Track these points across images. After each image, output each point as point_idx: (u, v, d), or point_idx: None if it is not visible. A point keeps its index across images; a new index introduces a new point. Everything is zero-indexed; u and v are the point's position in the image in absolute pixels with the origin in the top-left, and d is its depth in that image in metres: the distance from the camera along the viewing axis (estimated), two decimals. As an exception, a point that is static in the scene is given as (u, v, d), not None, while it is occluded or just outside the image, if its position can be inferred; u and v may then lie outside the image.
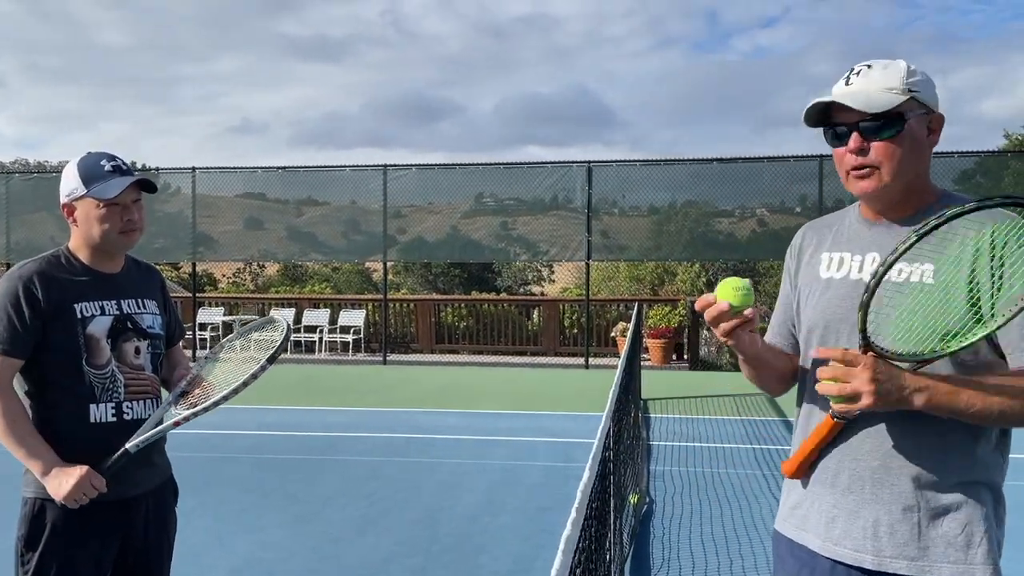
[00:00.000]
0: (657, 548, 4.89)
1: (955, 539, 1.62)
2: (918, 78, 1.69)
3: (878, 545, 1.67)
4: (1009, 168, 14.12)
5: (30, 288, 2.32)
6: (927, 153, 1.72)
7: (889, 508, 1.67)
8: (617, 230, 15.36)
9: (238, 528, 5.29)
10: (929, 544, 1.64)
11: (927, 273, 1.63)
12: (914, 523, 1.65)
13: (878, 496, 1.68)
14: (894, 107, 1.65)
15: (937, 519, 1.64)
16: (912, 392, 1.57)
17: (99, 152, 2.44)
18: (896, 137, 1.66)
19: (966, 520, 1.63)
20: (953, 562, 1.63)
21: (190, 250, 15.47)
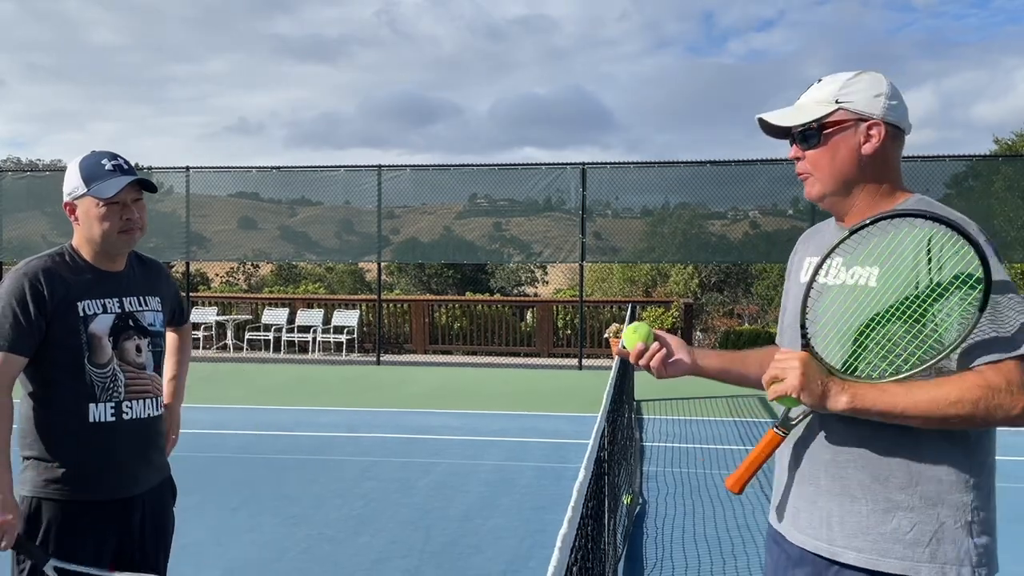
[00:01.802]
0: (651, 548, 4.91)
1: (903, 536, 1.65)
2: (855, 88, 1.75)
3: (831, 535, 1.73)
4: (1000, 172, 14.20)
5: (36, 286, 2.32)
6: (868, 161, 1.75)
7: (840, 500, 1.72)
8: (610, 232, 15.39)
9: (232, 528, 5.29)
10: (877, 538, 1.67)
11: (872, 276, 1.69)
12: (863, 516, 1.69)
13: (831, 488, 1.73)
14: (813, 119, 1.75)
15: (887, 514, 1.67)
16: (836, 392, 1.64)
17: (101, 151, 2.45)
18: (818, 147, 1.76)
19: (917, 519, 1.65)
20: (899, 558, 1.66)
21: (183, 250, 15.43)
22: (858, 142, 1.74)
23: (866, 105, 1.74)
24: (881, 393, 1.62)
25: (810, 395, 1.64)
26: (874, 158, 1.75)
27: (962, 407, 1.57)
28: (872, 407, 1.62)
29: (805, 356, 1.66)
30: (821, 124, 1.75)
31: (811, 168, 1.78)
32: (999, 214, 13.65)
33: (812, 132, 1.76)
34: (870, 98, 1.74)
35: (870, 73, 1.78)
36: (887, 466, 1.68)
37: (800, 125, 1.77)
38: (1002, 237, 13.57)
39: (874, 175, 1.76)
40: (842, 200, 1.79)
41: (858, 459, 1.70)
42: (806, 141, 1.77)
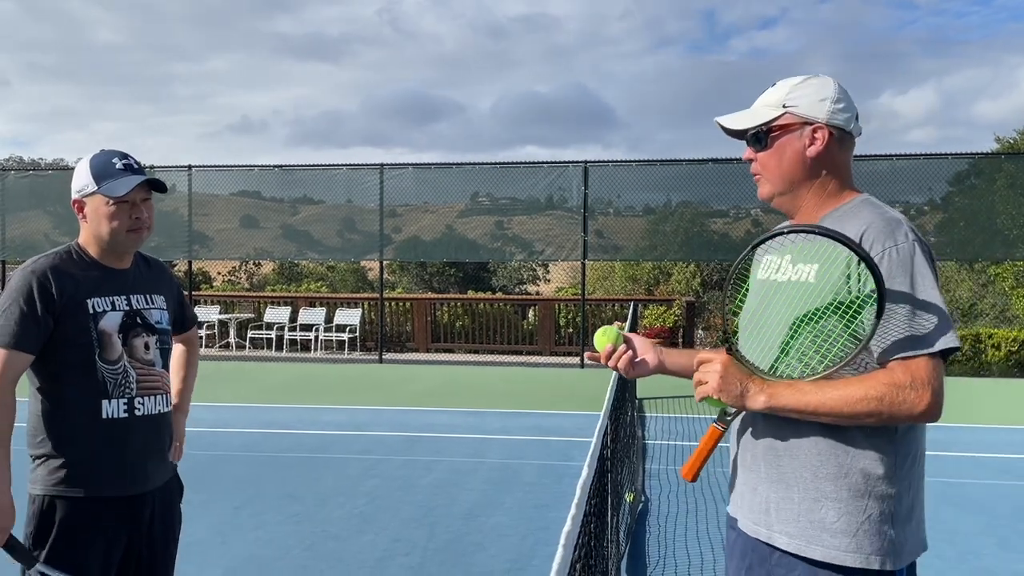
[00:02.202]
0: (653, 546, 4.92)
1: (831, 525, 1.73)
2: (801, 92, 1.83)
3: (768, 520, 1.82)
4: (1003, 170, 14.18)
5: (44, 283, 2.33)
6: (813, 163, 1.83)
7: (776, 487, 1.81)
8: (612, 230, 15.39)
9: (236, 526, 5.30)
10: (807, 525, 1.76)
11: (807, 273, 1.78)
12: (795, 503, 1.78)
13: (769, 476, 1.83)
14: (761, 123, 1.84)
15: (817, 503, 1.75)
16: (754, 392, 1.73)
17: (111, 150, 2.46)
18: (765, 149, 1.86)
19: (845, 510, 1.73)
20: (825, 546, 1.74)
21: (185, 248, 15.46)
22: (803, 145, 1.83)
23: (811, 109, 1.82)
24: (796, 392, 1.70)
25: (728, 396, 1.74)
26: (819, 160, 1.83)
27: (867, 404, 1.64)
28: (787, 405, 1.70)
29: (726, 360, 1.76)
30: (769, 128, 1.84)
31: (761, 169, 1.88)
32: (1002, 212, 13.64)
33: (761, 135, 1.85)
34: (815, 102, 1.82)
35: (819, 78, 1.85)
36: (818, 457, 1.75)
37: (750, 128, 1.86)
38: (1004, 235, 13.56)
39: (820, 176, 1.84)
40: (790, 200, 1.88)
41: (793, 450, 1.78)
42: (757, 143, 1.87)
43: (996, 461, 7.43)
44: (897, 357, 1.67)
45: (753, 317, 1.86)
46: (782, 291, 1.81)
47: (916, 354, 1.66)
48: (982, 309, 21.40)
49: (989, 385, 12.45)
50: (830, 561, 1.72)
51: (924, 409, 1.65)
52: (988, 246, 13.82)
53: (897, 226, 1.73)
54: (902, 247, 1.70)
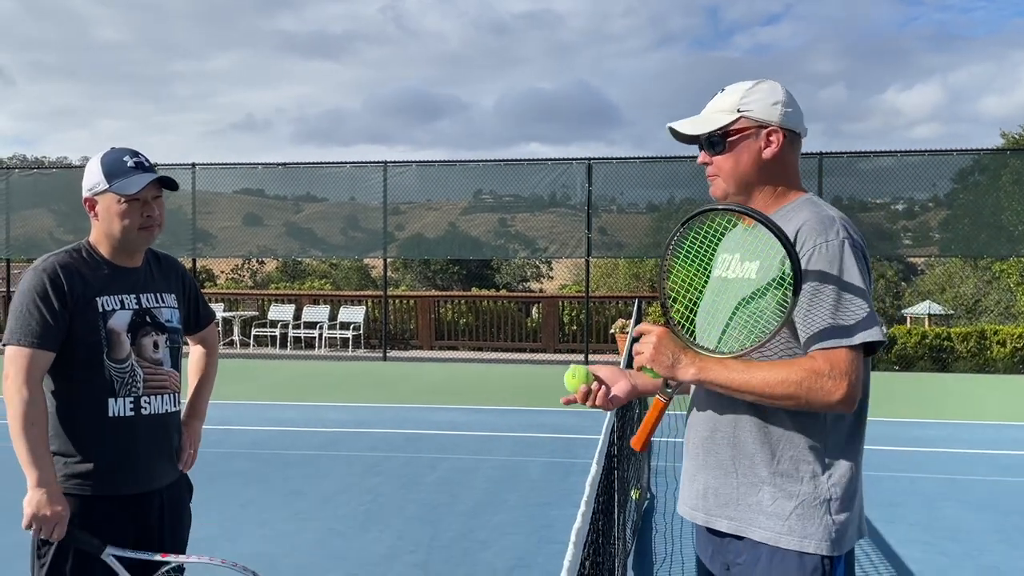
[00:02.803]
0: (660, 543, 4.92)
1: (767, 507, 1.81)
2: (753, 98, 1.89)
3: (707, 504, 1.91)
4: (1008, 166, 14.14)
5: (56, 281, 2.33)
6: (769, 164, 1.90)
7: (715, 473, 1.89)
8: (616, 227, 15.38)
9: (241, 523, 5.30)
10: (745, 508, 1.84)
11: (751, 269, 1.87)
12: (733, 487, 1.86)
13: (707, 463, 1.91)
14: (717, 127, 1.90)
15: (753, 487, 1.83)
16: (685, 365, 1.80)
17: (123, 148, 2.46)
18: (723, 152, 1.91)
19: (778, 494, 1.81)
20: (763, 528, 1.82)
21: (189, 246, 15.48)
22: (759, 147, 1.89)
23: (765, 113, 1.88)
24: (724, 368, 1.77)
25: (660, 366, 1.82)
26: (774, 162, 1.90)
27: (786, 387, 1.71)
28: (715, 380, 1.78)
29: (661, 331, 1.83)
30: (725, 132, 1.90)
31: (717, 170, 1.93)
32: (1007, 208, 13.60)
33: (717, 139, 1.91)
34: (768, 106, 1.88)
35: (767, 82, 1.92)
36: (753, 444, 1.83)
37: (706, 133, 1.91)
38: (1010, 231, 13.53)
39: (772, 178, 1.91)
40: (744, 200, 1.93)
41: (729, 437, 1.86)
42: (713, 147, 1.92)
43: (1001, 457, 7.42)
44: (819, 347, 1.73)
45: (706, 313, 1.94)
46: (730, 287, 1.90)
47: (837, 344, 1.72)
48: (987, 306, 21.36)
49: (994, 381, 12.43)
50: (767, 542, 1.81)
51: (839, 398, 1.70)
52: (993, 242, 13.79)
53: (830, 224, 1.80)
54: (832, 243, 1.77)
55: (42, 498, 2.24)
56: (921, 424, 8.97)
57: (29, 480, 2.26)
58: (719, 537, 1.91)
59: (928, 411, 9.92)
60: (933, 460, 7.15)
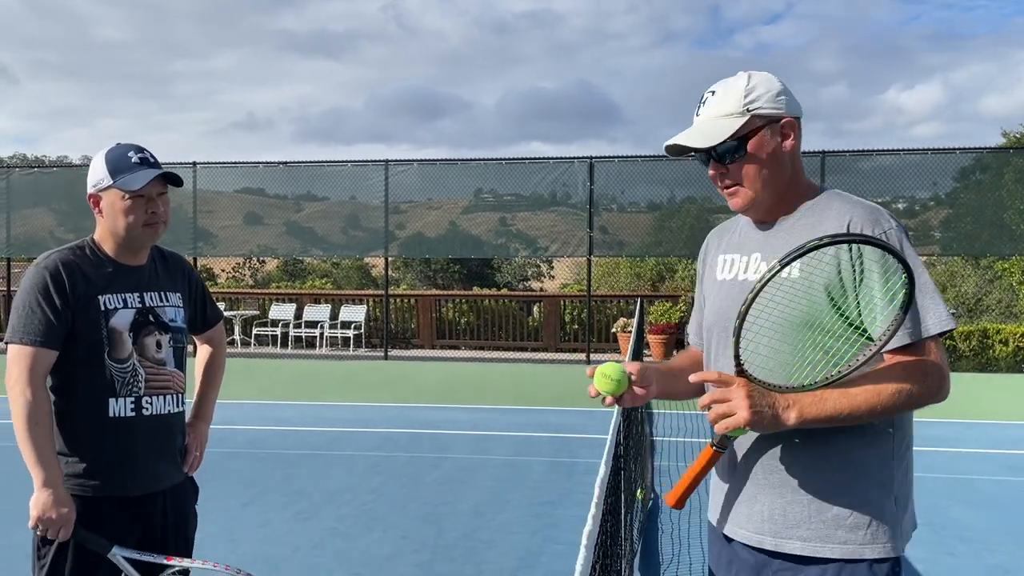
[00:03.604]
0: (667, 543, 4.89)
1: (844, 521, 1.72)
2: (758, 93, 1.77)
3: (774, 527, 1.77)
4: (1010, 164, 14.10)
5: (58, 278, 2.30)
6: (788, 158, 1.80)
7: (781, 492, 1.77)
8: (616, 226, 15.35)
9: (243, 523, 5.28)
10: (820, 525, 1.73)
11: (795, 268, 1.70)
12: (803, 505, 1.74)
13: (770, 482, 1.78)
14: (733, 133, 1.75)
15: (825, 503, 1.73)
16: (783, 410, 1.63)
17: (128, 144, 2.42)
18: (743, 158, 1.77)
19: (855, 503, 1.72)
20: (842, 542, 1.72)
21: (190, 245, 15.44)
22: (777, 143, 1.78)
23: (773, 106, 1.78)
24: (823, 403, 1.63)
25: (761, 425, 1.64)
26: (792, 154, 1.81)
27: (898, 398, 1.63)
28: (818, 416, 1.64)
29: (747, 387, 1.63)
30: (743, 136, 1.77)
31: (739, 178, 1.79)
32: (1009, 206, 13.58)
33: (734, 146, 1.77)
34: (774, 98, 1.78)
35: (758, 74, 1.81)
36: (821, 454, 1.73)
37: (721, 142, 1.77)
38: (1012, 230, 13.50)
39: (792, 170, 1.81)
40: (770, 202, 1.82)
41: (792, 451, 1.75)
42: (728, 156, 1.78)
43: (1004, 457, 7.40)
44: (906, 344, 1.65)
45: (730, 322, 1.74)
46: (763, 292, 1.66)
47: (925, 338, 1.65)
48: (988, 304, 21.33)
49: (996, 380, 12.40)
50: (848, 557, 1.71)
51: (946, 393, 1.65)
52: (995, 241, 13.76)
53: (879, 212, 1.73)
54: (891, 232, 1.69)
55: (48, 499, 2.22)
56: (924, 424, 8.91)
57: (35, 481, 2.24)
58: (768, 557, 1.78)
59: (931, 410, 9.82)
60: (937, 459, 7.12)
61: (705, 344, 1.99)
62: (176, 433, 2.51)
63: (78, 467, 2.33)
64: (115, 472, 2.35)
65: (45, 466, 2.23)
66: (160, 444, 2.44)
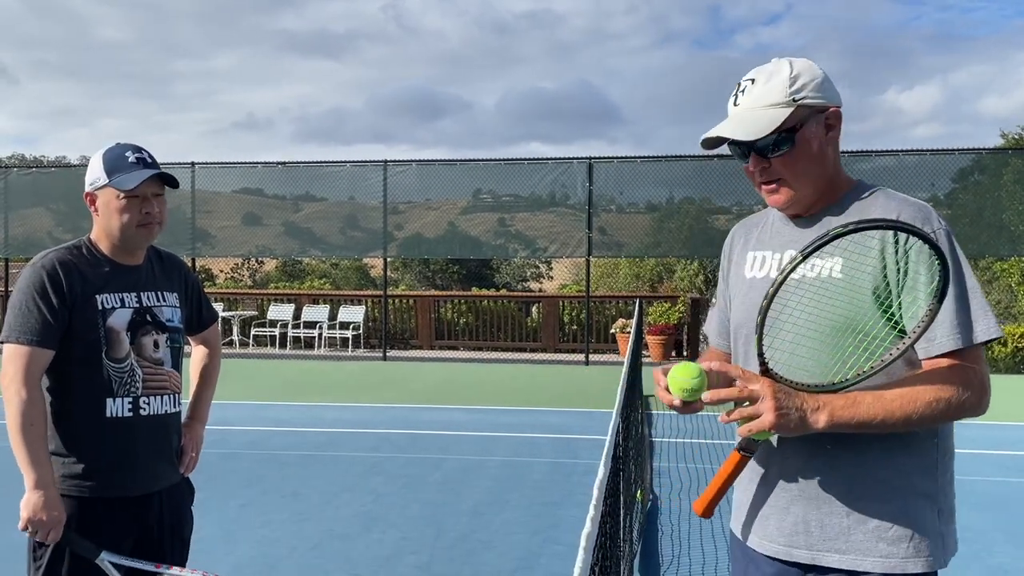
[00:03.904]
0: (666, 544, 4.88)
1: (885, 534, 1.63)
2: (803, 82, 1.66)
3: (809, 540, 1.68)
4: (1009, 165, 14.11)
5: (55, 277, 2.30)
6: (831, 149, 1.71)
7: (818, 503, 1.67)
8: (616, 227, 15.35)
9: (241, 524, 5.26)
10: (861, 537, 1.64)
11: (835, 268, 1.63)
12: (842, 517, 1.65)
13: (805, 492, 1.68)
14: (781, 124, 1.64)
15: (865, 514, 1.64)
16: (812, 412, 1.55)
17: (126, 143, 2.43)
18: (792, 150, 1.66)
19: (896, 514, 1.63)
20: (883, 556, 1.64)
21: (188, 246, 15.42)
22: (823, 134, 1.69)
23: (819, 95, 1.68)
24: (855, 406, 1.55)
25: (787, 428, 1.56)
26: (835, 146, 1.73)
27: (935, 408, 1.55)
28: (848, 421, 1.56)
29: (773, 388, 1.55)
30: (789, 128, 1.66)
31: (783, 173, 1.68)
32: (1008, 207, 13.58)
33: (783, 137, 1.66)
34: (819, 86, 1.68)
35: (800, 61, 1.71)
36: (861, 463, 1.64)
37: (767, 135, 1.65)
38: (1010, 231, 13.50)
39: (834, 164, 1.73)
40: (812, 196, 1.71)
41: (830, 458, 1.66)
42: (776, 148, 1.67)
43: (1004, 458, 7.39)
44: (949, 351, 1.58)
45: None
46: (799, 291, 1.60)
47: (969, 346, 1.57)
48: (987, 305, 21.32)
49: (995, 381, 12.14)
50: (889, 571, 1.63)
51: (985, 404, 1.58)
52: (994, 242, 13.76)
53: (928, 211, 1.64)
54: (940, 233, 1.61)
55: (39, 501, 2.21)
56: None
57: (27, 482, 2.23)
58: (800, 571, 1.71)
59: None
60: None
61: (732, 344, 1.90)
62: (173, 433, 2.51)
63: (75, 467, 2.32)
64: (112, 472, 2.34)
65: (37, 467, 2.22)
66: (157, 444, 2.43)
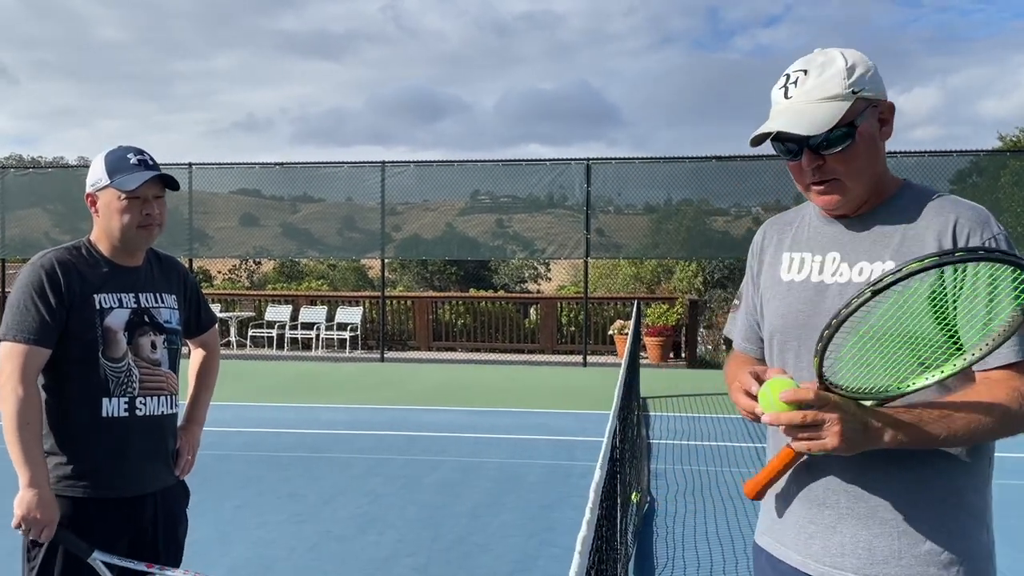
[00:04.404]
0: (661, 547, 4.87)
1: (937, 558, 1.55)
2: (860, 72, 1.57)
3: (858, 563, 1.59)
4: (1007, 168, 14.11)
5: (54, 276, 2.32)
6: (883, 146, 1.63)
7: (867, 523, 1.59)
8: (614, 228, 15.34)
9: (237, 526, 5.25)
10: (912, 561, 1.56)
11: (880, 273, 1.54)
12: (893, 539, 1.57)
13: (854, 511, 1.60)
14: (843, 118, 1.54)
15: (917, 536, 1.56)
16: (877, 431, 1.47)
17: (127, 146, 2.46)
18: (850, 146, 1.57)
19: (949, 536, 1.56)
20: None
21: (186, 246, 15.40)
22: (878, 129, 1.60)
23: (875, 88, 1.59)
24: (920, 423, 1.47)
25: (852, 449, 1.47)
26: (884, 144, 1.64)
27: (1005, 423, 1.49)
28: (915, 439, 1.48)
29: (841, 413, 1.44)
30: (850, 123, 1.56)
31: (838, 171, 1.57)
32: (1006, 209, 13.58)
33: (843, 132, 1.55)
34: (874, 79, 1.59)
35: (852, 52, 1.60)
36: (916, 482, 1.57)
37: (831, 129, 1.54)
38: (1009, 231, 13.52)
39: (883, 160, 1.64)
40: (863, 198, 1.61)
41: (882, 476, 1.57)
42: (834, 144, 1.55)
43: (1006, 461, 7.37)
44: (1008, 363, 1.51)
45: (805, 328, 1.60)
46: (846, 295, 1.50)
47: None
48: (985, 307, 21.34)
49: (993, 383, 12.38)
50: None
51: None
52: (992, 244, 13.77)
53: (986, 214, 1.58)
54: (1000, 238, 1.55)
55: (33, 499, 2.21)
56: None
57: (21, 480, 2.23)
58: None
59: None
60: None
61: (767, 350, 1.78)
62: (169, 435, 2.50)
63: (70, 467, 2.32)
64: (107, 472, 2.35)
65: (32, 466, 2.23)
66: (153, 445, 2.44)
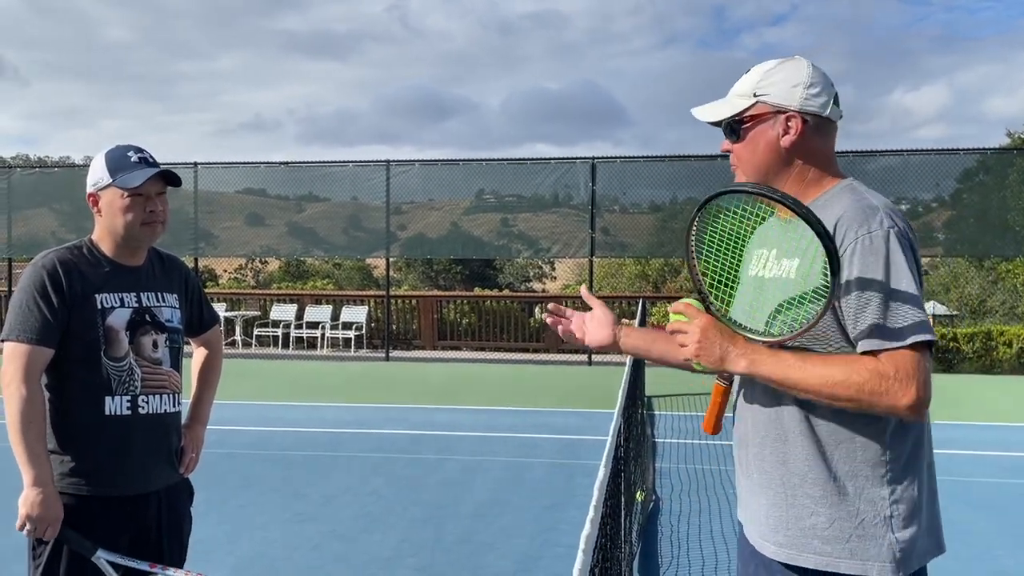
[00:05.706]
0: (666, 545, 4.86)
1: (822, 532, 1.66)
2: (773, 79, 1.73)
3: (760, 528, 1.75)
4: (1014, 165, 14.05)
5: (55, 276, 2.32)
6: (788, 153, 1.74)
7: (767, 493, 1.74)
8: (619, 227, 15.32)
9: (241, 525, 5.25)
10: (797, 532, 1.68)
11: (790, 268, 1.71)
12: (783, 510, 1.70)
13: (761, 482, 1.76)
14: (734, 114, 1.75)
15: (806, 509, 1.68)
16: (736, 356, 1.66)
17: (127, 144, 2.46)
18: (739, 141, 1.77)
19: (836, 515, 1.65)
20: (817, 553, 1.66)
21: (192, 246, 15.43)
22: (777, 135, 1.73)
23: (783, 97, 1.72)
24: (778, 362, 1.63)
25: (708, 359, 1.69)
26: (794, 149, 1.74)
27: (847, 388, 1.58)
28: (768, 374, 1.64)
29: (705, 322, 1.69)
30: (741, 119, 1.75)
31: (735, 160, 1.79)
32: (1013, 207, 13.53)
33: (734, 126, 1.76)
34: (788, 89, 1.72)
35: (792, 61, 1.75)
36: (805, 461, 1.69)
37: (723, 120, 1.77)
38: (1016, 231, 13.45)
39: (797, 166, 1.75)
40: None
41: (779, 454, 1.72)
42: (732, 135, 1.78)
43: (1008, 459, 7.36)
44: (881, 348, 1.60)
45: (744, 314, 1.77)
46: (768, 288, 1.74)
47: (898, 346, 1.58)
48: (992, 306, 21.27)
49: (1000, 382, 12.35)
50: (823, 568, 1.65)
51: (908, 403, 1.57)
52: (998, 242, 13.72)
53: (872, 213, 1.65)
54: (875, 235, 1.62)
55: (37, 498, 2.22)
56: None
57: (25, 479, 2.24)
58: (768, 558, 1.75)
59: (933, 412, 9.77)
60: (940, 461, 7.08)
61: None
62: (172, 433, 2.50)
63: (73, 465, 2.32)
64: (110, 471, 2.35)
65: (36, 465, 2.23)
66: (156, 443, 2.44)
